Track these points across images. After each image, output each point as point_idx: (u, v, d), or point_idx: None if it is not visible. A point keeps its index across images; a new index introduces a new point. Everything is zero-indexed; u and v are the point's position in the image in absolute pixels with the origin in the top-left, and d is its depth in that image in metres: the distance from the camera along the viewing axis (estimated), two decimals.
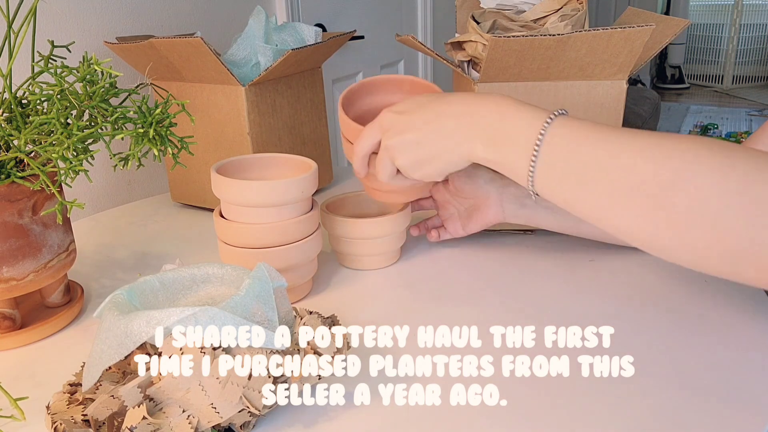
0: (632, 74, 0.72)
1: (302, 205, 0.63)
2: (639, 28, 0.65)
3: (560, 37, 0.65)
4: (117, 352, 0.44)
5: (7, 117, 0.55)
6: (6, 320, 0.60)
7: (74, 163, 0.52)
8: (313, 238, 0.65)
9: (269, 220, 0.61)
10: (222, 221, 0.63)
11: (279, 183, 0.60)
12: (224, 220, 0.63)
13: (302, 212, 0.64)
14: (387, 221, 0.70)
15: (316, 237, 0.65)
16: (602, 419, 0.47)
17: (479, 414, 0.48)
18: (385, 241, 0.71)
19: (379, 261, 0.73)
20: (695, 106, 5.15)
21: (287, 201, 0.61)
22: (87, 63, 0.54)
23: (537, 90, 0.73)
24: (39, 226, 0.58)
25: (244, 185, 0.60)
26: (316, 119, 0.95)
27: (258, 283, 0.49)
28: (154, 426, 0.42)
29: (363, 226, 0.70)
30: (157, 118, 0.54)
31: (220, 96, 0.84)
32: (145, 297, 0.51)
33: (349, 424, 0.47)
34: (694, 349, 0.55)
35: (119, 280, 0.73)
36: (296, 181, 0.61)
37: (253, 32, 0.85)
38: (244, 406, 0.43)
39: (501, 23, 0.74)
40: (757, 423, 0.46)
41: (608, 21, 4.37)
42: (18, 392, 0.50)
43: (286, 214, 0.62)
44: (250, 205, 0.61)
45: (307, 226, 0.64)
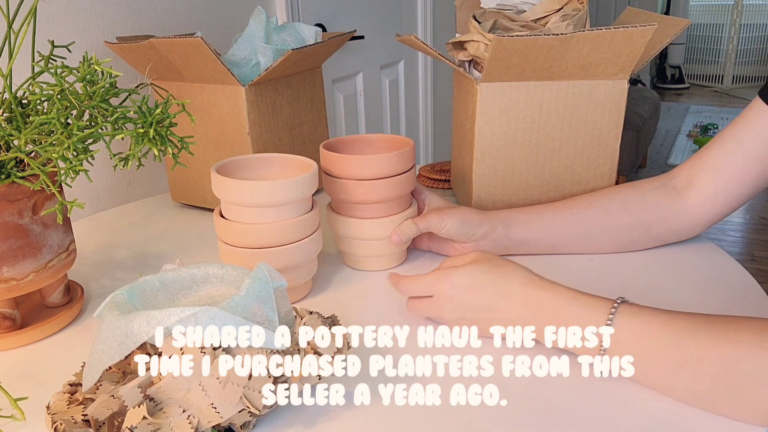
0: (633, 74, 0.72)
1: (302, 205, 0.63)
2: (641, 27, 0.65)
3: (563, 37, 0.65)
4: (117, 352, 0.44)
5: (7, 117, 0.55)
6: (6, 320, 0.60)
7: (74, 163, 0.52)
8: (313, 238, 0.65)
9: (269, 220, 0.61)
10: (222, 221, 0.63)
11: (279, 183, 0.60)
12: (224, 220, 0.63)
13: (302, 212, 0.64)
14: (393, 222, 0.70)
15: (316, 237, 0.65)
16: (602, 419, 0.47)
17: (479, 414, 0.48)
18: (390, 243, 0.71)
19: (384, 262, 0.73)
20: (695, 106, 5.15)
21: (287, 201, 0.61)
22: (87, 63, 0.54)
23: (539, 89, 0.73)
24: (39, 226, 0.58)
25: (244, 185, 0.60)
26: (316, 119, 0.95)
27: (258, 283, 0.49)
28: (154, 426, 0.42)
29: (369, 227, 0.70)
30: (157, 118, 0.54)
31: (220, 96, 0.84)
32: (145, 297, 0.51)
33: (349, 424, 0.47)
34: None
35: (119, 280, 0.73)
36: (296, 181, 0.61)
37: (254, 32, 0.85)
38: (244, 406, 0.43)
39: (502, 23, 0.74)
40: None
41: (608, 21, 4.37)
42: (18, 392, 0.50)
43: (286, 214, 0.62)
44: (249, 205, 0.61)
45: (307, 226, 0.64)
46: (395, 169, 0.68)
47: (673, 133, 4.39)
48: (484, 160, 0.77)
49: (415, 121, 2.23)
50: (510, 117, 0.75)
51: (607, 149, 0.76)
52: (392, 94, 2.07)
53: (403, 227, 0.70)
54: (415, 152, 0.71)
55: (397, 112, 2.13)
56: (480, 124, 0.75)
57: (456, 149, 0.89)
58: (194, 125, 0.84)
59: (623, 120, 0.74)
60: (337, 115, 1.80)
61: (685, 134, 4.32)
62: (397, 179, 0.68)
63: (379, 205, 0.69)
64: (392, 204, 0.70)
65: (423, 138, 2.29)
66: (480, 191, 0.79)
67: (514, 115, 0.74)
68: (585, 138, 0.75)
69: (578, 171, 0.77)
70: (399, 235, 0.70)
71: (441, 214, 0.70)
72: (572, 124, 0.75)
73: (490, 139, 0.76)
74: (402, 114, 2.14)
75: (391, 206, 0.70)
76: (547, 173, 0.78)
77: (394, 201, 0.70)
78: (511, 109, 0.74)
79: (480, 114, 0.74)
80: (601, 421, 0.47)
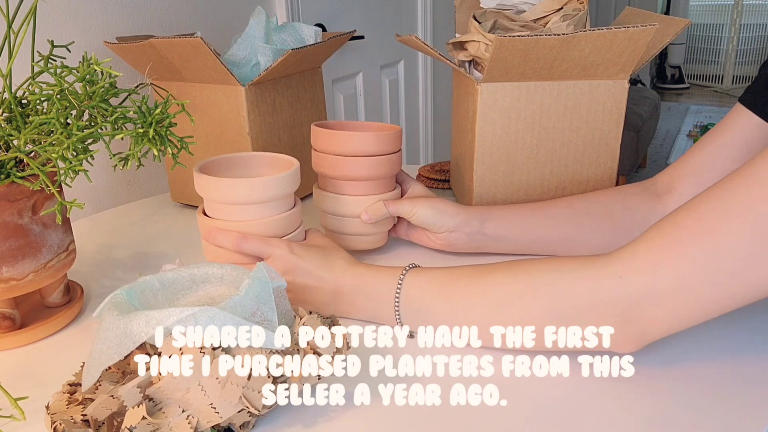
0: (633, 74, 0.72)
1: (284, 203, 0.64)
2: (642, 27, 0.65)
3: (565, 37, 0.65)
4: (117, 352, 0.44)
5: (7, 117, 0.55)
6: (6, 320, 0.60)
7: (74, 163, 0.51)
8: (294, 235, 0.65)
9: (250, 217, 0.62)
10: (205, 219, 0.64)
11: (258, 180, 0.61)
12: (207, 218, 0.64)
13: (284, 209, 0.64)
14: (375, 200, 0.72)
15: (298, 234, 0.66)
16: (602, 419, 0.47)
17: (479, 414, 0.48)
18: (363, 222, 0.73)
19: (364, 242, 0.74)
20: (695, 106, 5.15)
21: (267, 198, 0.62)
22: (87, 63, 0.54)
23: (540, 89, 0.73)
24: (39, 226, 0.58)
25: (224, 183, 0.61)
26: (316, 119, 0.95)
27: (257, 284, 0.49)
28: (154, 426, 0.42)
29: (347, 203, 0.72)
30: (157, 118, 0.54)
31: (220, 96, 0.84)
32: (144, 297, 0.51)
33: (349, 424, 0.47)
34: (694, 349, 0.55)
35: (119, 280, 0.73)
36: (276, 179, 0.62)
37: (253, 32, 0.85)
38: (244, 406, 0.43)
39: (501, 23, 0.74)
40: (757, 423, 0.46)
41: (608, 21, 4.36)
42: (18, 392, 0.50)
43: (267, 211, 0.63)
44: (230, 203, 0.62)
45: (289, 223, 0.65)
46: (378, 149, 0.70)
47: (673, 133, 4.39)
48: (485, 161, 0.77)
49: (415, 121, 2.23)
50: (510, 117, 0.74)
51: (607, 149, 0.76)
52: (392, 94, 2.07)
53: (373, 207, 0.72)
54: (401, 138, 0.73)
55: (397, 112, 2.13)
56: (480, 125, 0.75)
57: (456, 149, 0.89)
58: (194, 125, 0.84)
59: (624, 120, 0.74)
60: (337, 115, 1.80)
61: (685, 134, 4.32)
62: (378, 159, 0.70)
63: (360, 183, 0.72)
64: (374, 184, 0.72)
65: (423, 138, 2.29)
66: (480, 191, 0.79)
67: (514, 116, 0.74)
68: (585, 138, 0.75)
69: (579, 171, 0.77)
70: (368, 214, 0.72)
71: (414, 201, 0.72)
72: (573, 124, 0.75)
73: (490, 139, 0.76)
74: (402, 114, 2.14)
75: (373, 186, 0.72)
76: (548, 173, 0.78)
77: (376, 181, 0.72)
78: (511, 109, 0.74)
79: (480, 114, 0.74)
80: (601, 421, 0.47)
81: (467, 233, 0.71)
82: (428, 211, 0.71)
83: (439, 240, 0.73)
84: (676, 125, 4.56)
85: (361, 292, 0.60)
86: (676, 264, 0.45)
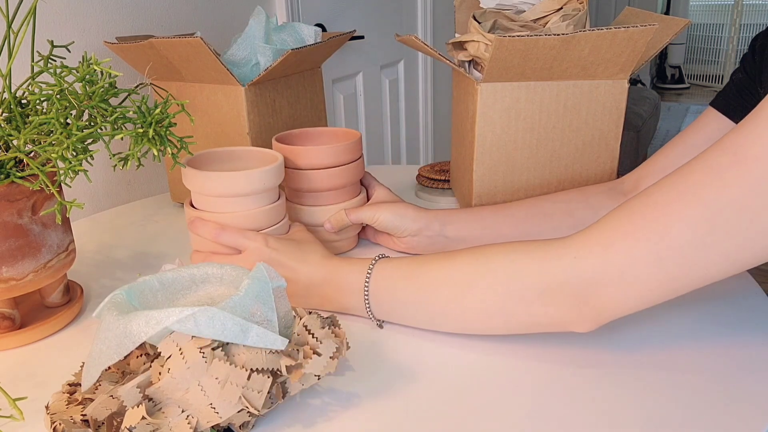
0: (633, 74, 0.72)
1: (268, 195, 0.65)
2: (642, 27, 0.65)
3: (564, 37, 0.65)
4: (116, 352, 0.44)
5: (6, 117, 0.55)
6: (5, 320, 0.60)
7: (74, 163, 0.51)
8: (279, 227, 0.66)
9: (235, 209, 0.64)
10: (191, 210, 0.66)
11: (242, 174, 0.62)
12: (192, 209, 0.66)
13: (268, 202, 0.66)
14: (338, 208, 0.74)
15: (281, 227, 0.67)
16: (602, 419, 0.47)
17: (479, 414, 0.48)
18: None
19: (334, 247, 0.76)
20: (695, 106, 5.15)
21: (250, 191, 0.63)
22: (86, 63, 0.54)
23: (539, 89, 0.73)
24: (38, 226, 0.58)
25: (208, 176, 0.62)
26: (315, 119, 0.95)
27: (257, 283, 0.49)
28: (153, 426, 0.42)
29: (315, 213, 0.74)
30: (157, 118, 0.54)
31: (220, 96, 0.84)
32: (144, 297, 0.51)
33: (349, 424, 0.47)
34: (693, 349, 0.55)
35: (119, 280, 0.73)
36: (259, 172, 0.63)
37: (253, 32, 0.85)
38: (244, 406, 0.43)
39: (501, 23, 0.74)
40: (757, 423, 0.46)
41: (608, 21, 4.36)
42: (17, 392, 0.50)
43: (251, 203, 0.64)
44: (213, 195, 0.64)
45: (273, 215, 0.66)
46: (336, 160, 0.72)
47: (673, 133, 4.39)
48: (485, 161, 0.77)
49: (415, 121, 2.23)
50: (510, 117, 0.74)
51: (607, 149, 0.76)
52: (392, 94, 2.07)
53: (336, 217, 0.74)
54: (360, 145, 0.75)
55: (397, 112, 2.13)
56: (480, 125, 0.75)
57: (456, 149, 0.89)
58: (194, 125, 0.84)
59: (623, 120, 0.74)
60: (337, 115, 1.80)
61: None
62: (338, 170, 0.72)
63: (322, 193, 0.73)
64: (336, 193, 0.74)
65: (423, 138, 2.29)
66: (480, 192, 0.79)
67: (514, 115, 0.74)
68: (585, 138, 0.75)
69: (579, 171, 0.77)
70: (331, 224, 0.74)
71: (375, 207, 0.73)
72: (573, 124, 0.75)
73: (490, 139, 0.76)
74: (402, 114, 2.14)
75: (335, 195, 0.74)
76: (548, 173, 0.78)
77: (338, 190, 0.74)
78: (511, 109, 0.74)
79: (480, 114, 0.74)
80: (601, 421, 0.47)
81: (429, 236, 0.72)
82: (389, 217, 0.72)
83: (402, 243, 0.74)
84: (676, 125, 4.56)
85: (332, 283, 0.61)
86: (628, 244, 0.46)
